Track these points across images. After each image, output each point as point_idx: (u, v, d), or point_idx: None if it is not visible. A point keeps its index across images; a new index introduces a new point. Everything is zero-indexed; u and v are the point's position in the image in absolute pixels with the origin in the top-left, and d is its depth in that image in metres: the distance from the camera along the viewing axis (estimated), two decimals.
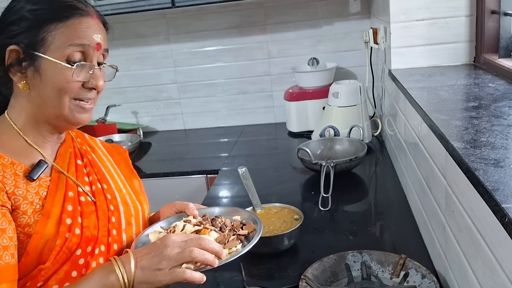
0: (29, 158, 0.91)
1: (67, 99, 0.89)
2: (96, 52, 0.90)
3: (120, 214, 1.00)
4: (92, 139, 1.13)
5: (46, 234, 0.85)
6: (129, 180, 1.11)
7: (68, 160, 0.98)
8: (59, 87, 0.87)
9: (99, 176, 1.02)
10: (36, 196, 0.87)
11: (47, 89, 0.87)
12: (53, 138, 0.96)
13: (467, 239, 0.87)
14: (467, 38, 1.65)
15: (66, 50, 0.86)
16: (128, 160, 1.18)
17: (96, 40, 0.90)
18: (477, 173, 0.74)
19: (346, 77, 2.48)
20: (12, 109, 0.93)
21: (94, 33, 0.89)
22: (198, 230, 0.97)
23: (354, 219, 1.51)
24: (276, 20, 2.53)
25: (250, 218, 1.05)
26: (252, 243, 0.94)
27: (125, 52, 2.67)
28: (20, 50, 0.86)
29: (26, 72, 0.88)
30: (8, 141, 0.90)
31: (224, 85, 2.70)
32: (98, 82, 0.91)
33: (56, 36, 0.86)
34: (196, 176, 2.09)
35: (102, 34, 0.92)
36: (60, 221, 0.88)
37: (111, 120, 2.66)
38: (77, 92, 0.89)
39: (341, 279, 1.14)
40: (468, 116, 1.04)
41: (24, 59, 0.87)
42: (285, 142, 2.43)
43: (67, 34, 0.86)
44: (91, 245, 0.91)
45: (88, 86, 0.90)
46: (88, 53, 0.89)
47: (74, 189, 0.94)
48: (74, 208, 0.91)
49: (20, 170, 0.88)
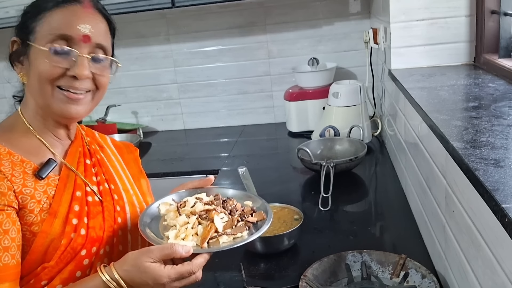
0: (40, 156, 0.91)
1: (49, 86, 0.87)
2: (83, 44, 0.87)
3: (126, 215, 1.00)
4: (102, 137, 1.13)
5: (52, 234, 0.85)
6: (137, 181, 1.11)
7: (78, 159, 0.98)
8: (39, 72, 0.87)
9: (107, 176, 1.02)
10: (44, 195, 0.88)
11: (33, 76, 0.88)
12: (62, 135, 0.97)
13: (467, 239, 0.87)
14: (467, 38, 1.65)
15: (48, 38, 0.86)
16: (138, 160, 1.18)
17: (82, 31, 0.87)
18: (477, 173, 0.74)
19: (346, 77, 2.48)
20: (23, 105, 0.94)
21: (81, 23, 0.87)
22: (208, 209, 0.95)
23: (354, 219, 1.51)
24: (276, 20, 2.53)
25: (262, 207, 1.03)
26: (260, 231, 0.92)
27: (125, 52, 2.67)
28: (18, 41, 0.89)
29: (23, 63, 0.90)
30: (20, 138, 0.91)
31: (224, 85, 2.70)
32: (80, 71, 0.87)
33: (43, 25, 0.87)
34: (196, 176, 2.09)
35: (95, 26, 0.89)
36: (66, 221, 0.88)
37: (111, 120, 2.66)
38: (60, 80, 0.87)
39: (341, 279, 1.14)
40: (468, 116, 1.04)
41: (21, 49, 0.89)
42: (285, 142, 2.43)
43: (49, 22, 0.87)
44: (96, 245, 0.91)
45: (70, 74, 0.87)
46: (73, 41, 0.87)
47: (82, 189, 0.94)
48: (81, 208, 0.91)
49: (29, 168, 0.88)
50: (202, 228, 0.91)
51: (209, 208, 0.95)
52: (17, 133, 0.91)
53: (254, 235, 0.91)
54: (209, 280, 1.24)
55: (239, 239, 0.91)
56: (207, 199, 1.01)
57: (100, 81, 0.92)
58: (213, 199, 1.01)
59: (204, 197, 1.02)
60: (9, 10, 2.16)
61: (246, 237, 0.92)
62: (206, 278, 1.25)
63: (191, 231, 0.90)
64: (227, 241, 0.90)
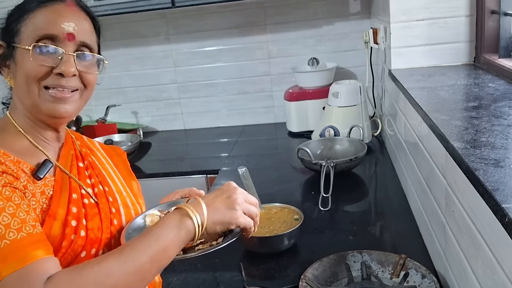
0: (34, 157, 0.91)
1: (36, 86, 0.87)
2: (68, 42, 0.87)
3: (121, 216, 1.00)
4: (90, 141, 1.13)
5: (52, 236, 0.84)
6: (128, 182, 1.11)
7: (71, 162, 0.97)
8: (25, 72, 0.86)
9: (100, 179, 1.02)
10: (43, 196, 0.87)
11: (20, 77, 0.87)
12: (52, 137, 0.96)
13: (467, 239, 0.87)
14: (467, 38, 1.65)
15: (32, 38, 0.86)
16: (126, 162, 1.18)
17: (66, 29, 0.87)
18: (477, 173, 0.74)
19: (346, 77, 2.48)
20: (12, 109, 0.94)
21: (65, 22, 0.87)
22: None
23: (354, 219, 1.51)
24: (276, 20, 2.53)
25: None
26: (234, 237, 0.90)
27: (125, 52, 2.67)
28: (4, 44, 0.88)
29: (10, 66, 0.89)
30: (13, 141, 0.90)
31: (224, 85, 2.70)
32: (67, 68, 0.86)
33: (27, 26, 0.87)
34: (196, 176, 2.09)
35: (79, 24, 0.89)
36: (65, 223, 0.87)
37: (111, 120, 2.65)
38: (46, 79, 0.87)
39: (341, 279, 1.14)
40: (468, 116, 1.04)
41: (7, 53, 0.88)
42: (285, 142, 2.43)
43: (33, 22, 0.86)
44: (95, 247, 0.91)
45: (56, 72, 0.87)
46: (58, 39, 0.87)
47: (78, 191, 0.94)
48: (79, 210, 0.91)
49: (26, 168, 0.87)
50: None
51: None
52: (8, 136, 0.91)
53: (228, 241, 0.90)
54: (209, 280, 1.24)
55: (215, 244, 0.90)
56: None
57: (87, 78, 0.91)
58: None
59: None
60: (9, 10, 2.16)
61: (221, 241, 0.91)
62: (206, 278, 1.25)
63: None
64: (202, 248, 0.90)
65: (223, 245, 0.90)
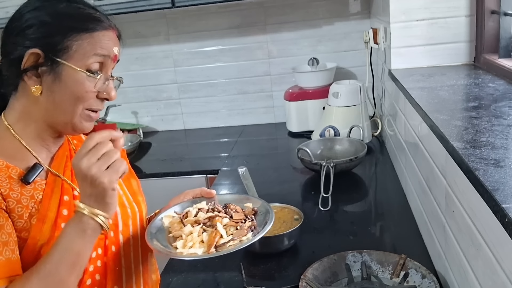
0: (24, 161, 0.90)
1: (81, 108, 0.89)
2: (112, 64, 0.93)
3: (117, 216, 1.00)
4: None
5: (41, 239, 0.84)
6: (126, 181, 1.10)
7: (64, 163, 0.97)
8: (77, 95, 0.87)
9: None
10: (32, 200, 0.87)
11: (65, 96, 0.87)
12: (52, 141, 0.96)
13: (467, 239, 0.87)
14: (467, 38, 1.65)
15: (89, 60, 0.87)
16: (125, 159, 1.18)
17: (114, 52, 0.92)
18: (477, 173, 0.74)
19: (346, 77, 2.48)
20: (11, 111, 0.91)
21: (114, 46, 0.91)
22: (211, 216, 0.97)
23: (354, 219, 1.51)
24: (276, 20, 2.53)
25: (261, 207, 1.05)
26: (264, 230, 0.94)
27: (125, 52, 2.66)
28: (41, 54, 0.85)
29: (42, 76, 0.87)
30: (3, 144, 0.89)
31: (224, 85, 2.70)
32: (111, 93, 0.92)
33: (82, 45, 0.86)
34: (196, 176, 2.09)
35: (118, 47, 0.95)
36: (55, 226, 0.87)
37: (111, 120, 2.65)
38: (91, 102, 0.90)
39: (341, 279, 1.14)
40: (468, 116, 1.04)
41: (43, 63, 0.86)
42: (285, 142, 2.43)
43: (93, 44, 0.87)
44: None
45: (102, 97, 0.91)
46: (106, 64, 0.90)
47: (70, 193, 0.93)
48: (70, 213, 0.90)
49: (15, 173, 0.87)
50: (207, 235, 0.94)
51: (211, 215, 0.98)
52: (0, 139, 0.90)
53: (259, 235, 0.94)
54: (209, 280, 1.24)
55: (245, 240, 0.94)
56: (207, 207, 1.04)
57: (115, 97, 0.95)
58: (214, 206, 1.04)
59: (204, 206, 1.04)
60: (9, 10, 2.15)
61: (251, 237, 0.94)
62: (206, 278, 1.25)
63: (197, 239, 0.93)
64: (233, 244, 0.93)
65: (254, 240, 0.93)
